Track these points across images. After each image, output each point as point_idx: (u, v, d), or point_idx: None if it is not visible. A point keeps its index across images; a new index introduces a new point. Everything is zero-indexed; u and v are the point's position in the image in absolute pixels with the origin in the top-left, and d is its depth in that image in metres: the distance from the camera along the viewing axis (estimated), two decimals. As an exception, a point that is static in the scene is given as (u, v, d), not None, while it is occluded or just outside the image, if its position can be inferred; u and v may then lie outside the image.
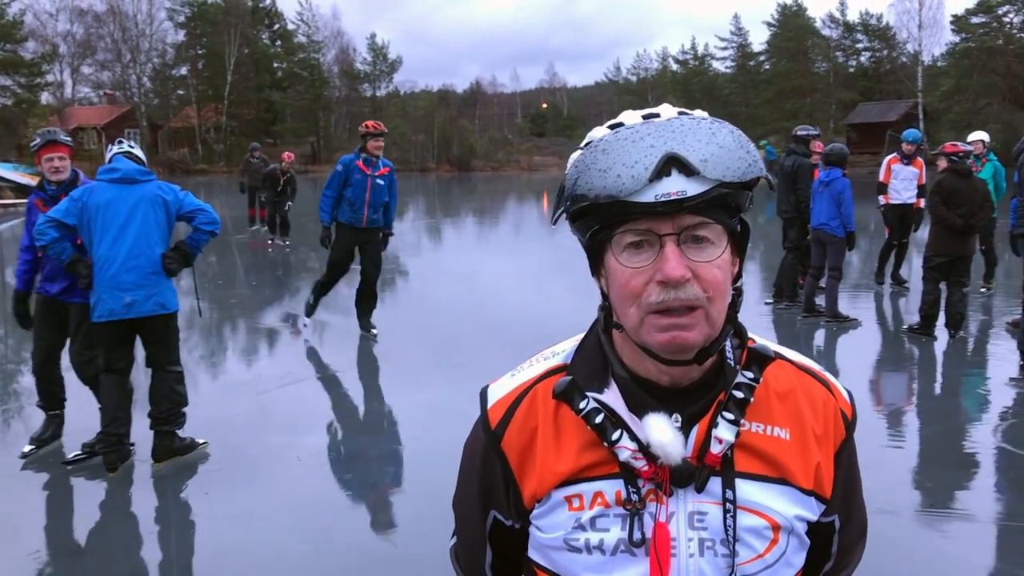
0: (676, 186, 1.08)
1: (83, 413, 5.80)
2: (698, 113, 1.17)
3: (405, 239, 20.96)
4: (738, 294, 1.21)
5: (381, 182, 8.64)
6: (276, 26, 74.09)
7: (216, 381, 7.79)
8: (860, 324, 9.46)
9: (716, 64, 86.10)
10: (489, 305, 11.27)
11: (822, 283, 9.63)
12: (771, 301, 10.48)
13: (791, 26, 75.74)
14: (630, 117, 1.18)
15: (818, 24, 77.60)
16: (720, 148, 1.10)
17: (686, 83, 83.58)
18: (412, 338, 9.16)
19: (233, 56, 65.44)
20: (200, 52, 68.60)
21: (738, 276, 1.20)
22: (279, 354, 8.88)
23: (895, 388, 7.36)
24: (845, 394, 1.32)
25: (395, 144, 71.12)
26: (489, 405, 1.31)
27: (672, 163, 1.08)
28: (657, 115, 1.17)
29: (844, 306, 9.73)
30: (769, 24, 77.99)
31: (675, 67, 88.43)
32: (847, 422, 1.30)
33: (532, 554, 1.28)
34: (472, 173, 63.45)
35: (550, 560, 1.25)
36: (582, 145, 1.19)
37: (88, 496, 5.14)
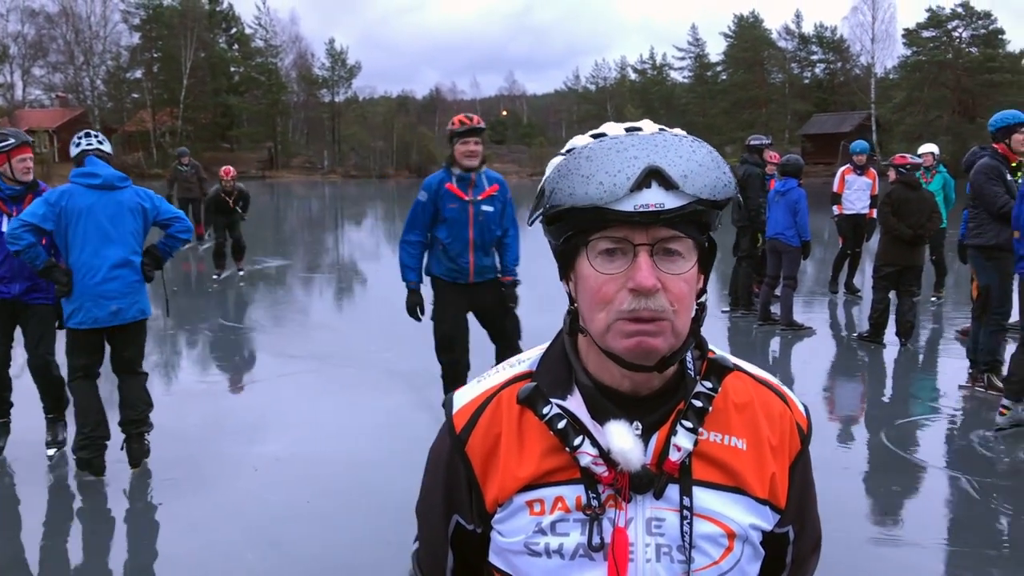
0: (655, 198, 1.11)
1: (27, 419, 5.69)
2: (678, 131, 1.21)
3: (364, 246, 20.86)
4: (701, 309, 1.24)
5: (489, 208, 5.89)
6: (233, 30, 73.48)
7: (170, 388, 7.68)
8: (814, 332, 9.59)
9: (674, 74, 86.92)
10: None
11: (777, 292, 9.76)
12: (727, 310, 10.59)
13: (747, 37, 76.75)
14: (613, 128, 1.22)
15: (774, 36, 78.72)
16: (699, 166, 1.14)
17: (644, 92, 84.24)
18: (372, 345, 9.11)
19: (189, 60, 64.74)
20: (155, 55, 67.70)
21: (702, 291, 1.24)
22: (236, 361, 8.78)
23: (846, 395, 7.46)
24: (801, 408, 1.35)
25: (353, 150, 70.96)
26: (454, 410, 1.32)
27: (653, 176, 1.11)
28: (639, 129, 1.20)
29: (799, 314, 9.86)
30: (726, 35, 78.96)
31: (633, 76, 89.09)
32: (802, 435, 1.33)
33: (493, 559, 1.30)
34: (431, 180, 63.26)
35: (510, 564, 1.26)
36: (564, 151, 1.21)
37: (35, 506, 5.04)
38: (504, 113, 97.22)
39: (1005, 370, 6.64)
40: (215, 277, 13.60)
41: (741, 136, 14.00)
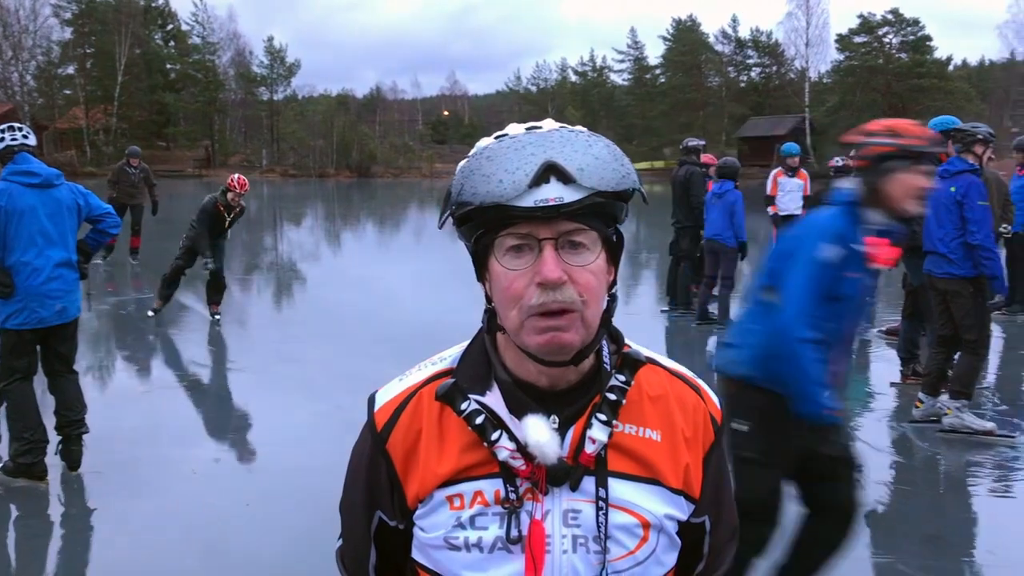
0: (554, 192, 1.14)
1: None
2: (578, 127, 1.24)
3: (304, 246, 20.66)
4: (612, 300, 1.26)
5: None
6: (170, 26, 72.08)
7: (103, 391, 7.52)
8: (750, 331, 9.75)
9: (614, 76, 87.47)
10: (388, 312, 11.21)
11: (715, 291, 9.93)
12: (667, 309, 10.74)
13: (685, 41, 77.66)
14: (514, 129, 1.24)
15: (711, 39, 79.79)
16: (596, 159, 1.17)
17: (585, 94, 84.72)
18: (310, 347, 9.04)
19: (123, 56, 63.28)
20: (88, 51, 66.02)
21: (613, 284, 1.26)
22: (172, 363, 8.64)
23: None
24: (715, 400, 1.39)
25: (292, 149, 70.14)
26: (376, 408, 1.34)
27: (551, 171, 1.14)
28: (540, 127, 1.23)
29: (736, 314, 10.01)
30: (664, 38, 79.78)
31: (574, 78, 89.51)
32: (716, 427, 1.37)
33: (415, 554, 1.31)
34: (372, 179, 62.89)
35: (431, 559, 1.28)
36: (470, 154, 1.24)
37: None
38: (446, 113, 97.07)
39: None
40: (150, 313, 10.25)
41: (679, 138, 14.22)
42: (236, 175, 10.10)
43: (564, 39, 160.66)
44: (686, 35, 78.10)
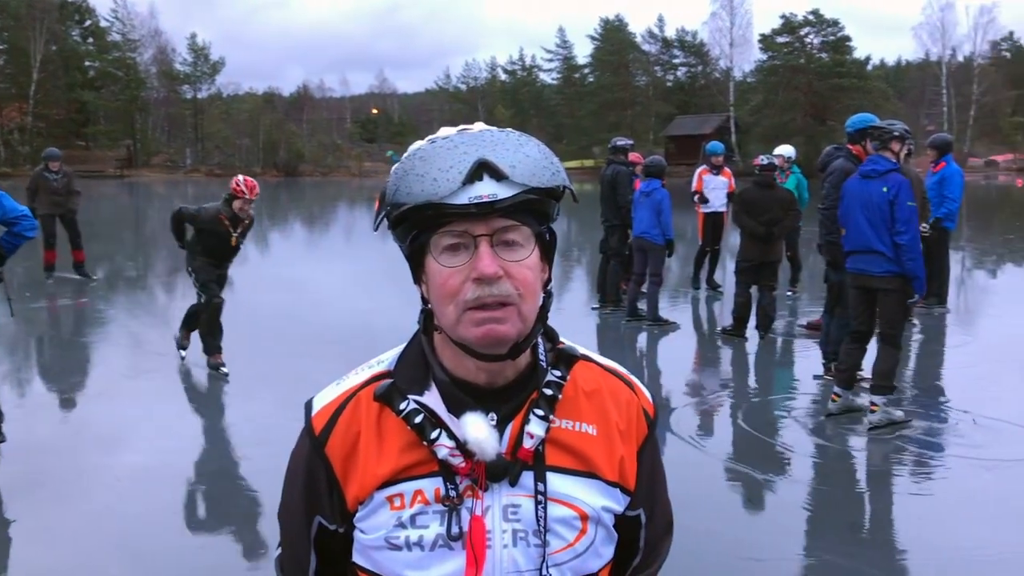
0: (487, 189, 1.16)
1: None
2: (508, 129, 1.26)
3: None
4: (548, 297, 1.28)
5: None
6: (87, 23, 70.22)
7: (21, 400, 7.28)
8: (679, 327, 9.92)
9: (543, 75, 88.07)
10: (320, 314, 11.09)
11: (644, 288, 10.05)
12: (597, 307, 10.84)
13: (613, 40, 78.52)
14: (446, 131, 1.26)
15: (638, 39, 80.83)
16: (527, 157, 1.19)
17: (515, 93, 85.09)
18: (241, 351, 8.87)
19: (39, 53, 61.40)
20: (1, 48, 63.87)
21: (548, 281, 1.29)
22: (93, 369, 8.41)
23: (711, 387, 7.75)
24: (647, 394, 1.43)
25: (217, 148, 68.86)
26: (314, 412, 1.34)
27: (483, 168, 1.16)
28: (471, 129, 1.25)
29: (664, 310, 10.18)
30: (592, 38, 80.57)
31: (504, 77, 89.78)
32: (649, 420, 1.40)
33: (355, 558, 1.32)
34: (300, 178, 62.13)
35: (372, 561, 1.29)
36: (403, 157, 1.25)
37: None
38: (375, 111, 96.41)
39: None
40: (220, 369, 7.63)
41: (608, 137, 14.37)
42: (241, 176, 8.03)
43: (492, 38, 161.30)
44: (614, 35, 78.95)
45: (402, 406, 1.26)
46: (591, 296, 11.71)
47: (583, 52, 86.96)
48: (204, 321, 7.76)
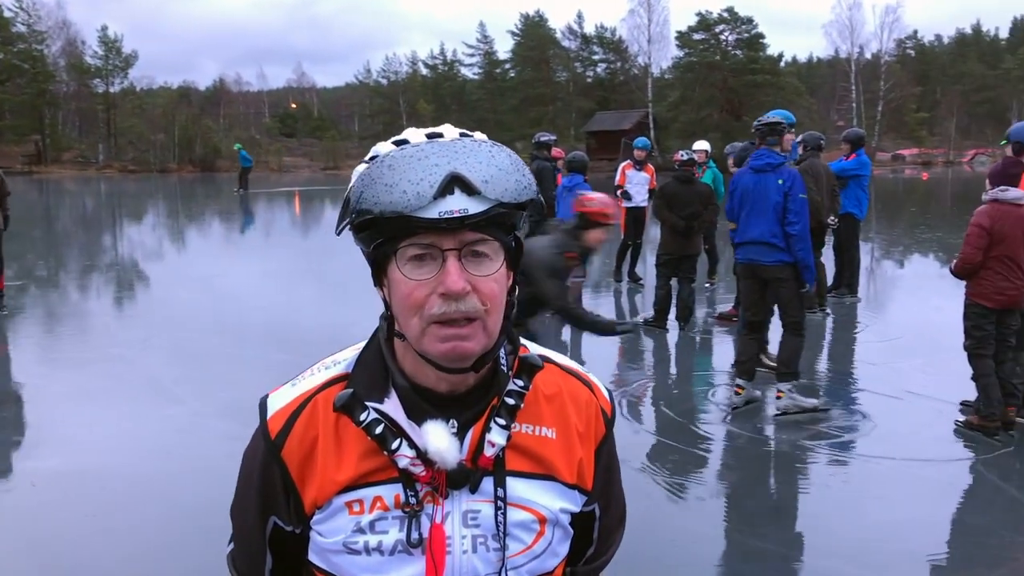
0: (459, 204, 1.14)
1: None
2: (478, 135, 1.24)
3: (146, 245, 19.82)
4: (511, 306, 1.28)
5: None
6: (-11, 13, 67.37)
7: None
8: (602, 320, 10.06)
9: (464, 70, 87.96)
10: (238, 312, 10.91)
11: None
12: (521, 300, 10.93)
13: (533, 36, 78.88)
14: (414, 135, 1.23)
15: (558, 35, 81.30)
16: (499, 170, 1.18)
17: (436, 88, 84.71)
18: (158, 350, 8.71)
19: (-63, 44, 58.77)
20: None
21: (512, 289, 1.28)
22: (3, 372, 8.14)
23: (634, 378, 7.90)
24: (606, 394, 1.44)
25: (131, 143, 66.95)
26: (269, 415, 1.32)
27: (455, 182, 1.14)
28: (440, 135, 1.22)
29: (587, 303, 10.31)
30: (513, 33, 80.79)
31: (425, 71, 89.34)
32: (607, 419, 1.42)
33: (312, 558, 1.31)
34: (217, 174, 60.78)
35: (329, 563, 1.28)
36: (367, 158, 1.22)
37: None
38: (293, 106, 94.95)
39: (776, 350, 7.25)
40: None
41: (530, 133, 14.40)
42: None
43: (410, 32, 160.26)
44: (534, 30, 79.31)
45: (362, 417, 1.24)
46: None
47: (504, 47, 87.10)
48: None
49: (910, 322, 10.25)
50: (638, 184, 12.23)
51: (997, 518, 4.71)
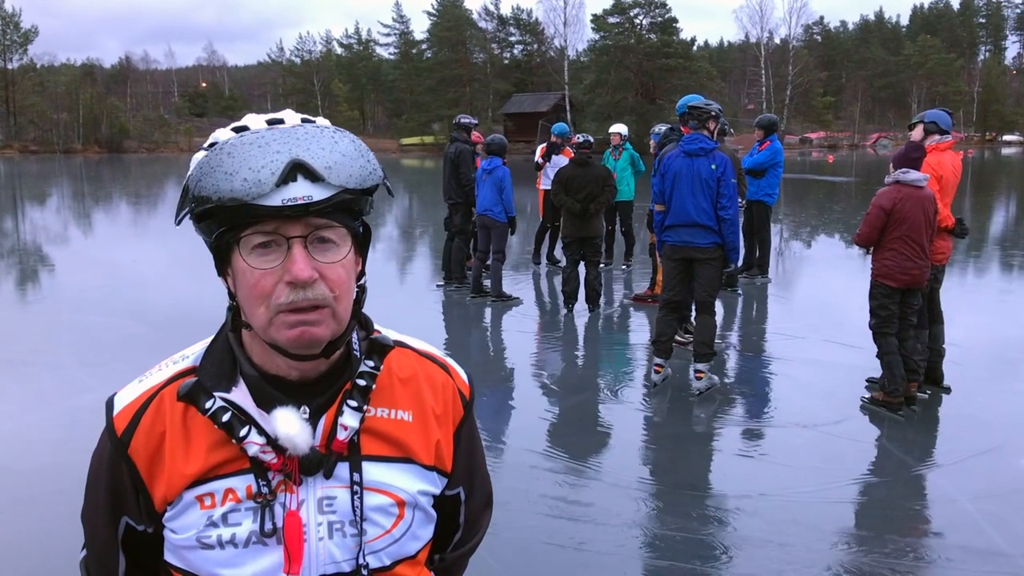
0: (302, 191, 1.12)
1: None
2: (321, 121, 1.23)
3: (50, 230, 19.11)
4: (362, 291, 1.28)
5: None
6: None
7: None
8: (522, 302, 10.14)
9: (380, 50, 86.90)
10: (147, 299, 10.65)
11: (488, 264, 10.20)
12: (441, 283, 10.92)
13: (450, 16, 78.36)
14: (255, 121, 1.21)
15: (475, 16, 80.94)
16: (343, 156, 1.16)
17: (351, 67, 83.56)
18: (63, 337, 8.43)
19: None
20: None
21: (361, 274, 1.28)
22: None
23: (552, 359, 7.97)
24: (464, 376, 1.45)
25: (32, 123, 64.34)
26: (115, 413, 1.29)
27: (298, 169, 1.12)
28: (282, 121, 1.21)
29: (507, 286, 10.37)
30: (429, 13, 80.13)
31: (340, 51, 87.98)
32: (465, 401, 1.43)
33: (167, 556, 1.29)
34: (125, 155, 58.93)
35: (184, 560, 1.26)
36: (206, 146, 1.20)
37: None
38: (204, 85, 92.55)
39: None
40: None
41: (448, 114, 14.33)
42: None
43: (321, 11, 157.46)
44: (450, 11, 78.79)
45: (208, 405, 1.22)
46: (436, 273, 11.78)
47: (420, 28, 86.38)
48: None
49: (817, 301, 10.60)
50: (556, 167, 12.29)
51: (900, 491, 4.93)
